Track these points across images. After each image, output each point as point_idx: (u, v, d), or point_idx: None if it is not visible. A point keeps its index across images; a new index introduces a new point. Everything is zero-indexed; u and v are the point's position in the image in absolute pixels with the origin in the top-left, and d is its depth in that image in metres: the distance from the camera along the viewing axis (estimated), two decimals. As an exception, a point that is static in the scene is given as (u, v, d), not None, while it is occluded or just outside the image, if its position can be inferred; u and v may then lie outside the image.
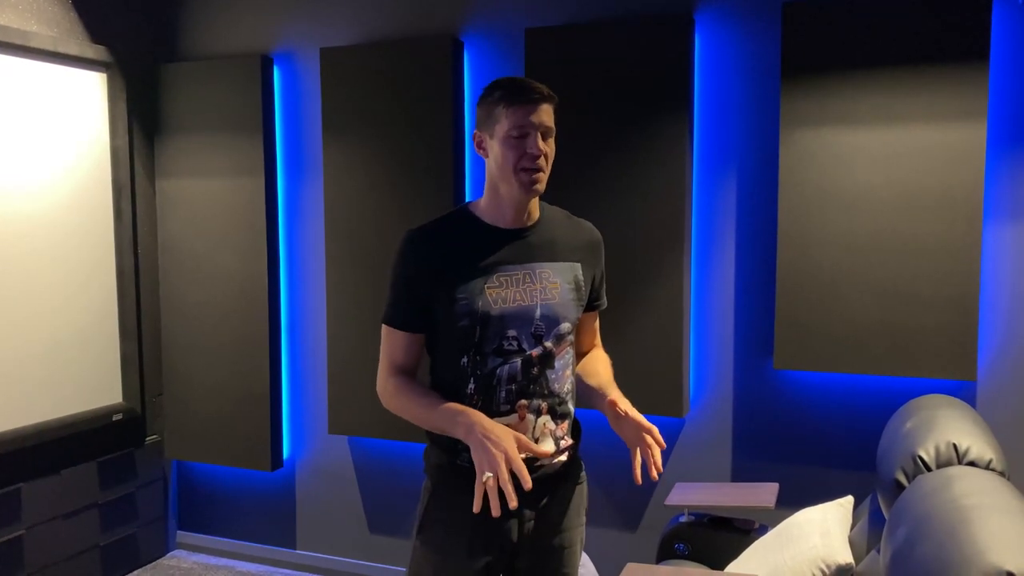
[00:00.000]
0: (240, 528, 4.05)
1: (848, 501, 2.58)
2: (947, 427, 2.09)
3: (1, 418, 3.27)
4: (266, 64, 3.75)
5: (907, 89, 2.84)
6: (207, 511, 4.12)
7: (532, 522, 1.87)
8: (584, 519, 1.99)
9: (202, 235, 3.88)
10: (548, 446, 1.85)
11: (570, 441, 1.92)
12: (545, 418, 1.85)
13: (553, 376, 1.86)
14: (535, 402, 1.83)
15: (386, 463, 3.74)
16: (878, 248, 2.89)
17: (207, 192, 3.86)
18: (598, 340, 2.12)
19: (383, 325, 1.91)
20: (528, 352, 1.82)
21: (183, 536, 4.16)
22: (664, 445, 1.78)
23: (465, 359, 1.82)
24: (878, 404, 2.95)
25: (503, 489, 1.57)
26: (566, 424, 1.90)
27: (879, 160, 2.88)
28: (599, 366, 2.02)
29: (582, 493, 1.98)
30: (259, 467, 3.84)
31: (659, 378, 3.16)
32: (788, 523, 2.53)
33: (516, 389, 1.82)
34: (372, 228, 3.56)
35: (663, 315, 3.17)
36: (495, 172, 1.82)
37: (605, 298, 2.08)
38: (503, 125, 1.77)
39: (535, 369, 1.83)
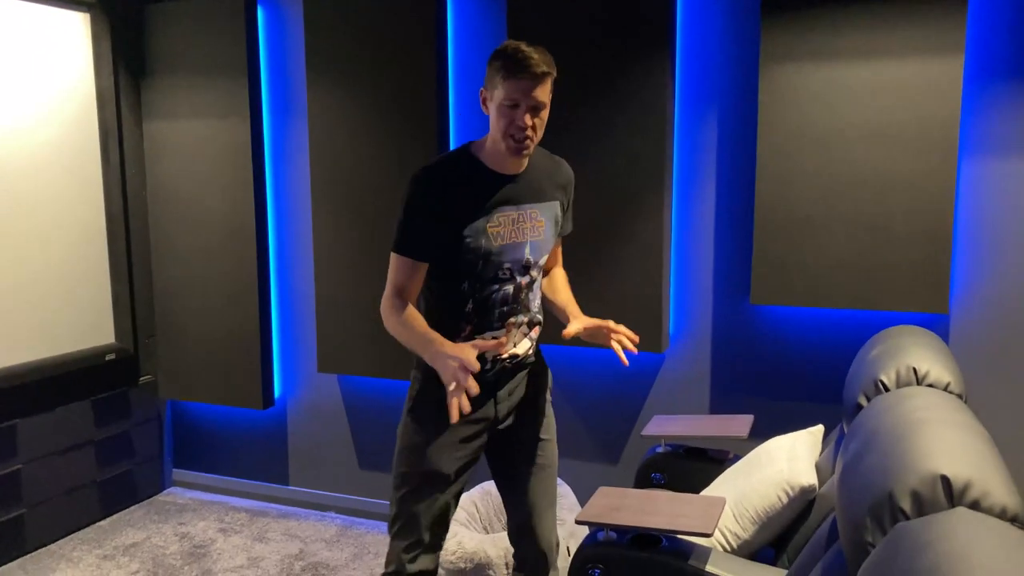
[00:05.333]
0: (233, 465, 4.15)
1: (818, 429, 2.65)
2: (910, 353, 2.14)
3: (-5, 356, 3.34)
4: (250, 4, 3.73)
5: (886, 23, 2.83)
6: (201, 449, 4.21)
7: (509, 399, 2.21)
8: (549, 395, 2.35)
9: (190, 177, 3.91)
10: (524, 346, 2.19)
11: (535, 337, 2.26)
12: (524, 327, 2.19)
13: (532, 296, 2.20)
14: (519, 318, 2.16)
15: (375, 400, 3.82)
16: (855, 183, 2.92)
17: (194, 134, 3.88)
18: (560, 259, 2.42)
19: (392, 252, 2.09)
20: (518, 280, 2.12)
21: (178, 473, 4.26)
22: (627, 333, 2.12)
23: (466, 284, 2.08)
24: (852, 337, 3.00)
25: (466, 389, 1.82)
26: (537, 328, 2.25)
27: (857, 95, 2.89)
28: (560, 284, 2.36)
29: (547, 373, 2.35)
30: (251, 406, 3.92)
31: (639, 314, 3.21)
32: (758, 450, 2.60)
33: (507, 310, 2.12)
34: (357, 168, 3.59)
35: (644, 252, 3.21)
36: (492, 130, 2.01)
37: (571, 223, 2.33)
38: (499, 92, 1.94)
39: (522, 294, 2.15)
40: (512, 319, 2.14)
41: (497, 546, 2.93)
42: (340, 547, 3.58)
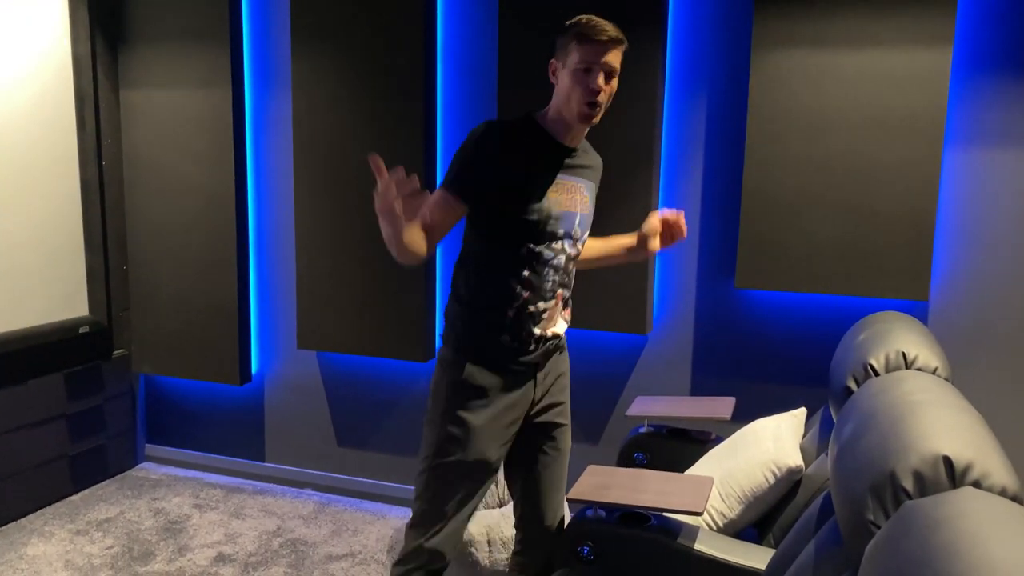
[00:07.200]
0: (209, 441, 4.10)
1: (801, 412, 2.69)
2: (897, 338, 2.17)
3: (-35, 326, 3.26)
4: (233, -29, 3.66)
5: (877, 11, 2.86)
6: (175, 424, 4.16)
7: (544, 381, 2.22)
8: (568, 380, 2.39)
9: (168, 147, 3.83)
10: (561, 326, 2.23)
11: (568, 318, 2.29)
12: (560, 305, 2.20)
13: (574, 271, 2.24)
14: (564, 292, 2.20)
15: (354, 378, 3.80)
16: (841, 170, 2.95)
17: (173, 103, 3.80)
18: None
19: (439, 189, 2.04)
20: (568, 251, 2.15)
21: (152, 448, 4.20)
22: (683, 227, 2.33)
23: (524, 249, 2.07)
24: (834, 323, 3.05)
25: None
26: (569, 310, 2.28)
27: (847, 82, 2.92)
28: (591, 242, 2.39)
29: (567, 357, 2.35)
30: (228, 381, 3.87)
31: (624, 297, 3.23)
32: (742, 432, 2.63)
33: (558, 280, 2.15)
34: (341, 141, 3.54)
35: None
36: (560, 98, 2.05)
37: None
38: (573, 58, 1.99)
39: (570, 265, 2.19)
40: (561, 291, 2.17)
41: (479, 523, 2.93)
42: (318, 524, 3.56)
